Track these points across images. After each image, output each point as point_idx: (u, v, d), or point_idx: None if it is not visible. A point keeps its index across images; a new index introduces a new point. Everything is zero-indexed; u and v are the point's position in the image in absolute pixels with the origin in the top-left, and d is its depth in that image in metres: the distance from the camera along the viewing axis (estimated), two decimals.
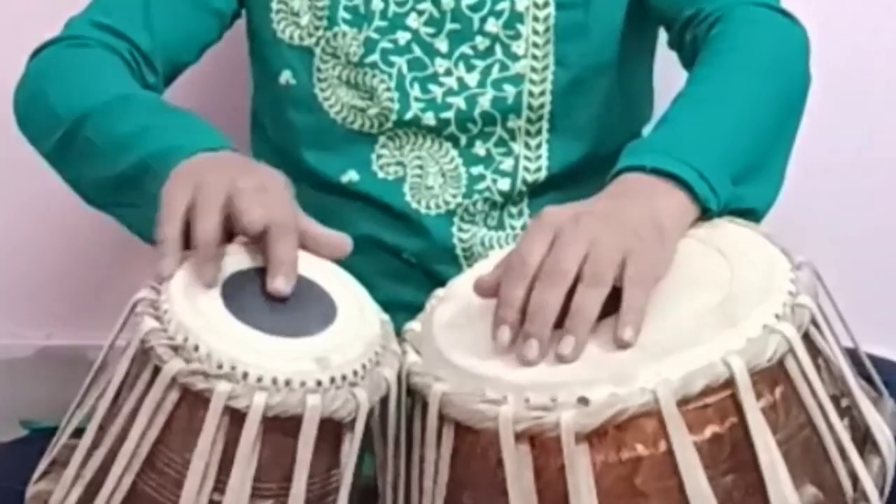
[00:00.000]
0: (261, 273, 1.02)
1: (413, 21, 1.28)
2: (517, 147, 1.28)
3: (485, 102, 1.27)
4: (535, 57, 1.27)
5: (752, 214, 1.09)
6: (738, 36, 1.18)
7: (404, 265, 1.28)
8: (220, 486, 0.95)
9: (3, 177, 1.29)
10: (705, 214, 1.04)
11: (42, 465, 1.04)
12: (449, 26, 1.28)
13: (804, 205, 1.58)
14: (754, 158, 1.11)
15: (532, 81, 1.27)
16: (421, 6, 1.28)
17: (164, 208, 1.03)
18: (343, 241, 1.07)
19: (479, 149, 1.29)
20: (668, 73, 1.33)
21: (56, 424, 1.07)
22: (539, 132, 1.28)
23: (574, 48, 1.27)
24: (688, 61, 1.24)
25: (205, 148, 1.09)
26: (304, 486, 0.95)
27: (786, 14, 1.23)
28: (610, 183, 1.05)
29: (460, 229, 1.28)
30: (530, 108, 1.27)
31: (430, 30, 1.28)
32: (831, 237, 1.61)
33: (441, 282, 1.12)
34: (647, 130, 1.38)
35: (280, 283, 1.00)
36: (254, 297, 1.01)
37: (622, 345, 0.93)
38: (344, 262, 1.08)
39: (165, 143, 1.11)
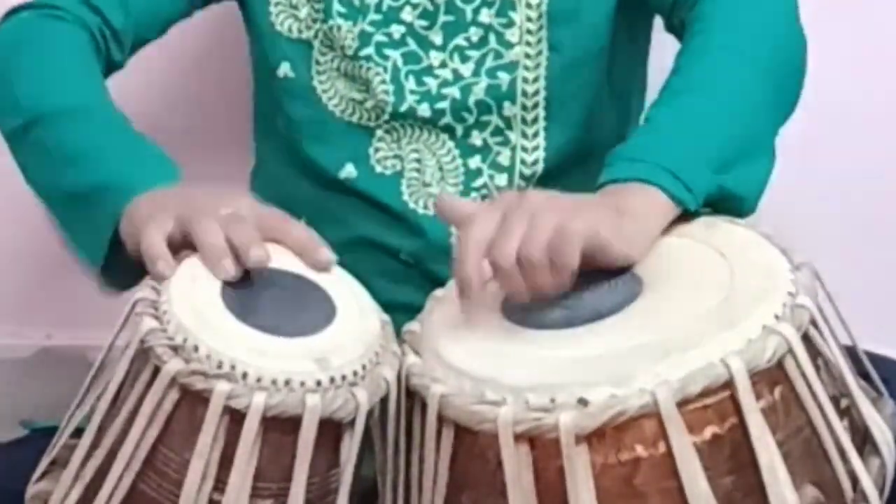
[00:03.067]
0: (260, 273, 1.02)
1: (407, 14, 1.28)
2: (514, 137, 1.28)
3: (479, 91, 1.27)
4: (528, 43, 1.27)
5: (741, 202, 1.07)
6: (716, 15, 1.16)
7: (402, 266, 1.28)
8: (219, 485, 0.95)
9: (3, 177, 1.28)
10: (685, 213, 1.04)
11: (42, 465, 1.04)
12: (443, 18, 1.28)
13: (803, 204, 1.59)
14: (740, 144, 1.08)
15: (526, 68, 1.27)
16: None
17: (141, 235, 1.03)
18: (324, 256, 1.07)
19: (476, 139, 1.28)
20: (663, 65, 1.32)
21: (56, 424, 1.07)
22: (536, 120, 1.28)
23: (566, 33, 1.27)
24: None
25: (158, 184, 1.09)
26: (304, 485, 0.95)
27: None
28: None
29: None
30: (524, 94, 1.27)
31: (424, 23, 1.28)
32: (831, 237, 1.61)
33: (439, 282, 1.12)
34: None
35: (255, 254, 1.01)
36: (253, 298, 1.01)
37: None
38: (342, 263, 1.08)
39: (118, 175, 1.11)
